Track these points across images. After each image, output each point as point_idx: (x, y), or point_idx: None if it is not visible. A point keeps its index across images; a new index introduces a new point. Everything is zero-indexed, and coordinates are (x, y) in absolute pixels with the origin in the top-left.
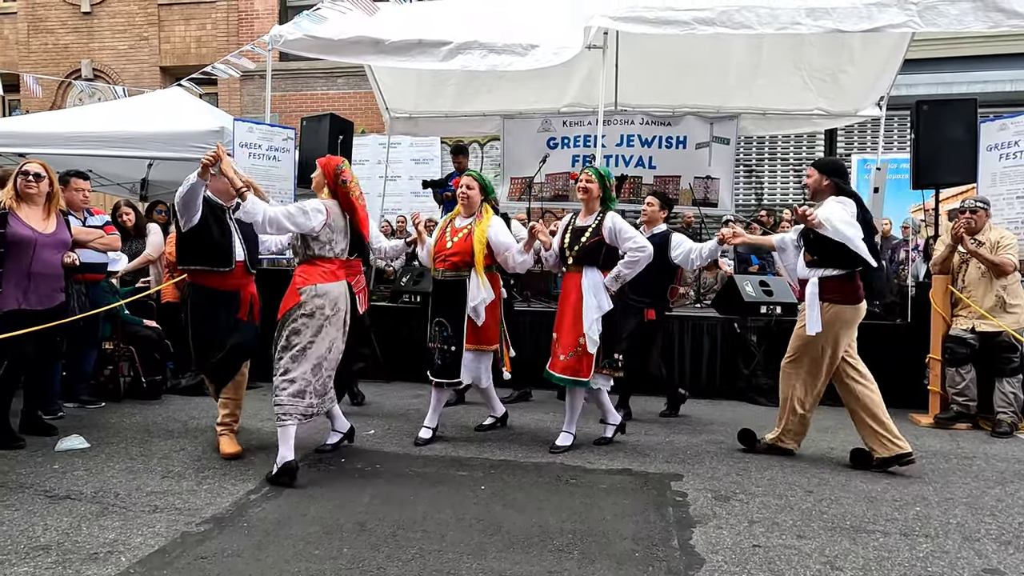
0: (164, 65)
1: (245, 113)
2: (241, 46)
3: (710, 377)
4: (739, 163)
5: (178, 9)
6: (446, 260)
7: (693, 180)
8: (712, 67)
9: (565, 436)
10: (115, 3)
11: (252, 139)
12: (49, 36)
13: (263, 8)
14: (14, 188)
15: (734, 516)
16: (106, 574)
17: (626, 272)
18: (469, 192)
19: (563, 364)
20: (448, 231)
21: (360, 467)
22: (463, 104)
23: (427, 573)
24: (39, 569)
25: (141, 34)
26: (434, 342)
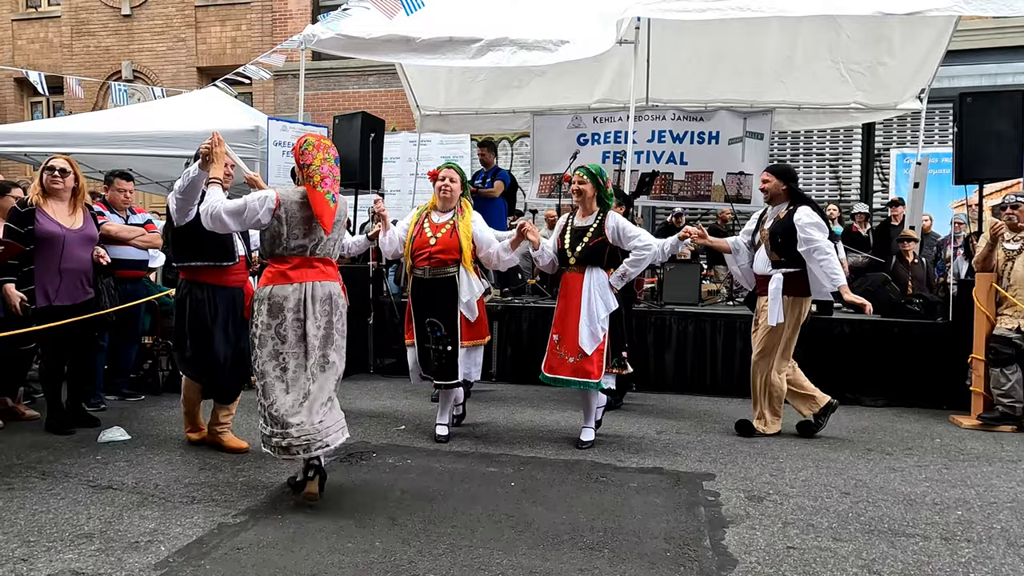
0: (200, 66)
1: (278, 112)
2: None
3: (742, 376)
4: (773, 159)
5: (214, 10)
6: (432, 257)
7: (726, 176)
8: (745, 61)
9: (587, 432)
10: (154, 5)
11: (286, 138)
12: (91, 39)
13: (296, 8)
14: (40, 184)
15: (768, 517)
16: (146, 563)
17: (632, 271)
18: (452, 185)
19: (572, 366)
20: (427, 226)
21: (391, 462)
22: (493, 101)
23: (457, 568)
24: (83, 556)
25: (178, 35)
26: (426, 343)
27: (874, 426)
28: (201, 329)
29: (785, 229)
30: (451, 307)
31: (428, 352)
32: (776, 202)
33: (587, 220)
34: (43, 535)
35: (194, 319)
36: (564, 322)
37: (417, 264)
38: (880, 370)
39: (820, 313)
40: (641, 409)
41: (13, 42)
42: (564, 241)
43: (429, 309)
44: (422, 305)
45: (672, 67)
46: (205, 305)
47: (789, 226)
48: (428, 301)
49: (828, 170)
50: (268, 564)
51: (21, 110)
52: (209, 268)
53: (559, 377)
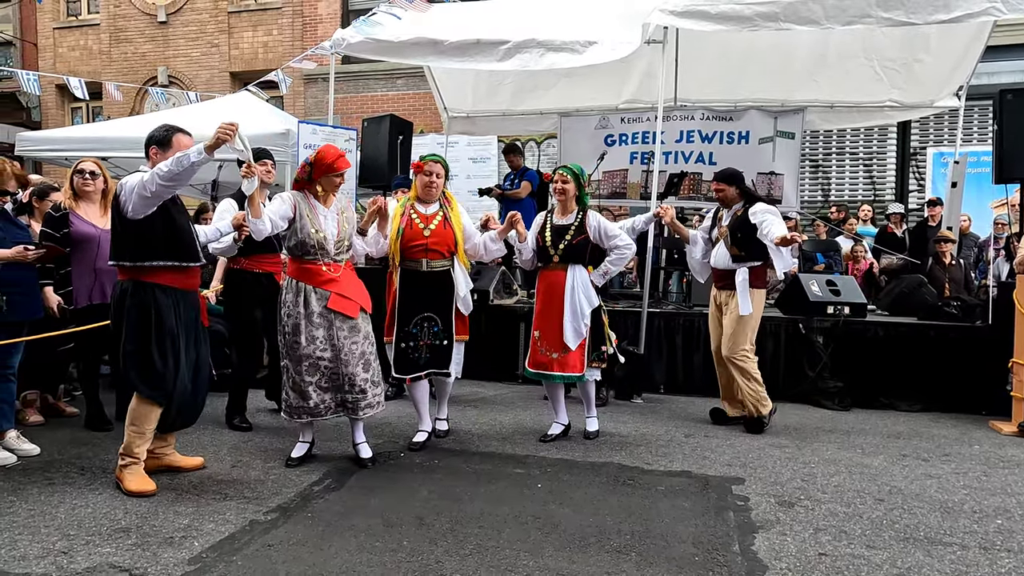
0: (233, 70)
1: (309, 115)
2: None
3: (772, 379)
4: (805, 158)
5: (246, 16)
6: (428, 250)
7: (756, 176)
8: (776, 59)
9: (592, 421)
10: (188, 12)
11: (316, 141)
12: (128, 45)
13: (326, 12)
14: (71, 187)
15: (799, 523)
16: (181, 558)
17: (614, 269)
18: (437, 180)
19: (557, 361)
20: (415, 218)
21: (419, 462)
22: (520, 103)
23: (484, 569)
24: (120, 550)
25: (212, 41)
26: (421, 339)
27: (909, 431)
28: (167, 341)
29: (743, 225)
30: (449, 301)
31: (406, 351)
32: (732, 204)
33: (567, 219)
34: (82, 529)
35: (159, 329)
36: (546, 318)
37: (411, 256)
38: (916, 374)
39: (853, 315)
40: (669, 412)
41: (55, 49)
42: (545, 239)
43: (425, 304)
44: (416, 300)
45: (701, 66)
46: (171, 312)
47: (746, 221)
48: (424, 295)
49: (862, 170)
50: (298, 561)
51: (62, 115)
52: (173, 270)
53: (543, 372)
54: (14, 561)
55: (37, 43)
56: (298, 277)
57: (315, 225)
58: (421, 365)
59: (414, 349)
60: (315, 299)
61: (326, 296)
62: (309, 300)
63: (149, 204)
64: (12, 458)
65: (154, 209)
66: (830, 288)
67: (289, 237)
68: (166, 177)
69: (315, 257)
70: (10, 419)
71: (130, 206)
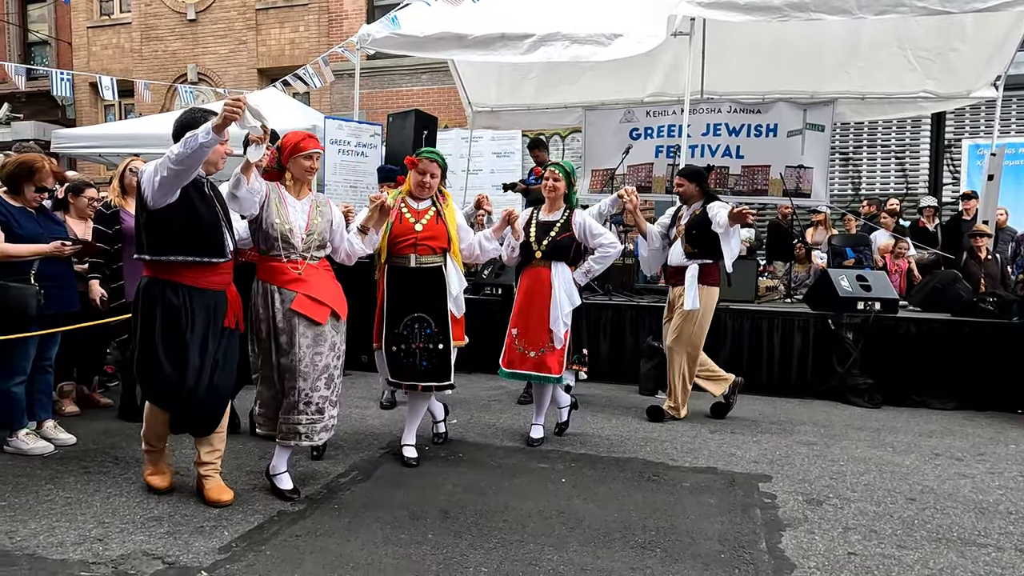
0: (261, 67)
1: (334, 111)
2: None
3: (800, 376)
4: (834, 151)
5: (273, 13)
6: (418, 244)
7: (784, 169)
8: (806, 50)
9: (537, 428)
10: (217, 10)
11: (342, 136)
12: (159, 43)
13: (352, 8)
14: (120, 185)
15: (827, 521)
16: (211, 547)
17: (597, 268)
18: (432, 181)
19: (534, 361)
20: (406, 212)
21: (443, 456)
22: (544, 96)
23: (508, 563)
24: (153, 538)
25: (240, 38)
26: (413, 342)
27: (942, 430)
28: (175, 343)
29: (700, 223)
30: (440, 300)
31: (398, 355)
32: (692, 202)
33: (554, 215)
34: (116, 517)
35: (166, 330)
36: (526, 316)
37: (399, 252)
38: (950, 371)
39: (885, 311)
40: (695, 407)
41: (88, 48)
42: (529, 235)
43: (415, 303)
44: (405, 299)
45: (728, 58)
46: (181, 313)
47: (703, 220)
48: (413, 294)
49: (894, 162)
50: (325, 552)
51: (95, 113)
52: (192, 266)
53: (518, 372)
54: (52, 547)
55: (71, 42)
56: (263, 277)
57: (281, 215)
58: (418, 373)
59: (407, 353)
60: (279, 300)
61: (291, 297)
62: (273, 301)
63: (166, 191)
64: (50, 447)
65: (175, 198)
66: (860, 283)
67: (255, 231)
68: (176, 160)
69: (279, 253)
70: (48, 409)
71: (150, 193)
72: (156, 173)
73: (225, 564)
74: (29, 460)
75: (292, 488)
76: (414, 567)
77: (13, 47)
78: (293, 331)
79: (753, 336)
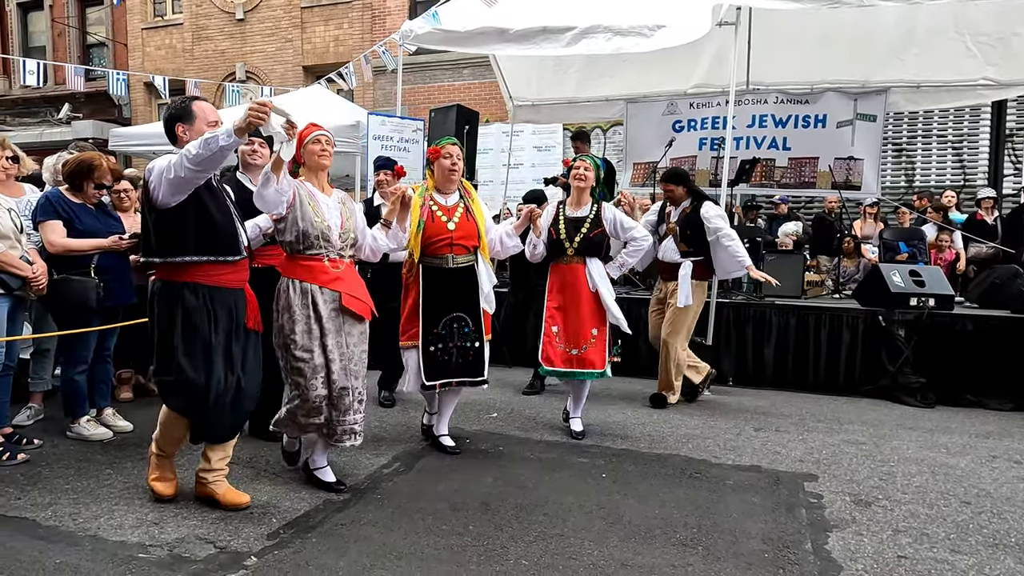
0: (306, 64)
1: (377, 107)
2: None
3: (848, 373)
4: (887, 142)
5: (318, 11)
6: (454, 245)
7: (833, 161)
8: (857, 38)
9: (577, 422)
10: (264, 9)
11: (384, 131)
12: (209, 43)
13: (395, 5)
14: None
15: (876, 523)
16: (260, 533)
17: (631, 261)
18: (459, 163)
19: (577, 357)
20: (436, 211)
21: (484, 448)
22: (586, 90)
23: (549, 556)
24: (205, 523)
25: (286, 36)
26: (451, 341)
27: (1000, 431)
28: (198, 348)
29: (693, 223)
30: (475, 298)
31: (436, 355)
32: (680, 202)
33: (582, 211)
34: (171, 502)
35: (188, 335)
36: (565, 313)
37: (434, 252)
38: (1008, 371)
39: (939, 307)
40: (738, 405)
41: (143, 49)
42: (558, 232)
43: (454, 303)
44: (443, 299)
45: (775, 48)
46: (203, 315)
47: (696, 220)
48: (452, 294)
49: (951, 153)
50: (368, 541)
51: (149, 112)
52: (208, 265)
53: (559, 369)
54: (112, 529)
55: (127, 43)
56: (300, 276)
57: (317, 213)
58: (452, 370)
59: (444, 352)
60: (322, 300)
61: (334, 296)
62: (316, 302)
63: (178, 191)
64: (109, 434)
65: (185, 197)
66: (914, 279)
67: (286, 229)
68: (195, 161)
69: (320, 251)
70: (106, 397)
71: (159, 193)
72: (170, 172)
73: (273, 550)
74: (89, 446)
75: (337, 480)
76: (455, 558)
77: (73, 49)
78: (340, 330)
79: (799, 332)
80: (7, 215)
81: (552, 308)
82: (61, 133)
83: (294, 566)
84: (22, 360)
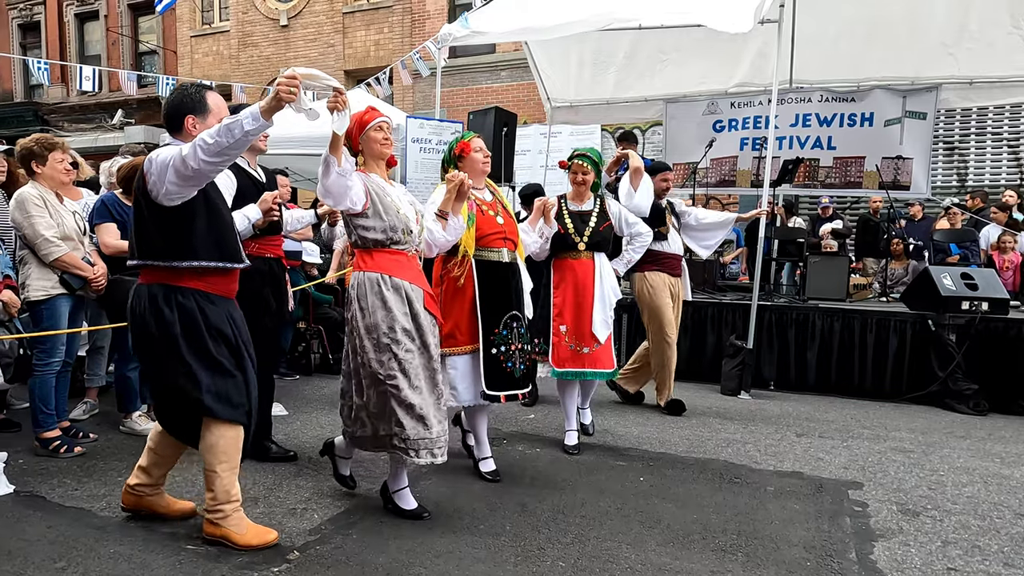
0: (348, 68)
1: (416, 110)
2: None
3: (895, 379)
4: (938, 140)
5: (359, 16)
6: (507, 239)
7: (881, 161)
8: (906, 33)
9: (586, 413)
10: (307, 15)
11: (423, 134)
12: (254, 49)
13: (434, 8)
14: None
15: (924, 534)
16: (303, 528)
17: (635, 257)
18: (489, 156)
19: (588, 358)
20: (481, 205)
21: (520, 449)
22: (624, 90)
23: (586, 559)
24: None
25: (328, 41)
26: (513, 343)
27: None
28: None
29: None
30: (524, 296)
31: (498, 360)
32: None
33: (586, 205)
34: None
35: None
36: (575, 311)
37: (490, 245)
38: None
39: (993, 311)
40: (779, 410)
41: (191, 56)
42: (565, 226)
43: (511, 300)
44: (501, 296)
45: (819, 45)
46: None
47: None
48: (508, 290)
49: (1006, 151)
50: (407, 538)
51: None
52: (216, 272)
53: (570, 370)
54: (161, 521)
55: (176, 51)
56: (389, 271)
57: (396, 204)
58: (516, 379)
59: (507, 356)
60: (415, 297)
61: (420, 295)
62: (411, 298)
63: (188, 186)
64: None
65: (193, 194)
66: (966, 282)
67: (371, 226)
68: (213, 151)
69: (404, 245)
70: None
71: (163, 188)
72: (182, 164)
73: (315, 545)
74: (141, 439)
75: (419, 507)
76: (493, 558)
77: (126, 57)
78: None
79: (844, 336)
80: (72, 217)
81: (560, 306)
82: (115, 138)
83: (335, 562)
84: (79, 357)
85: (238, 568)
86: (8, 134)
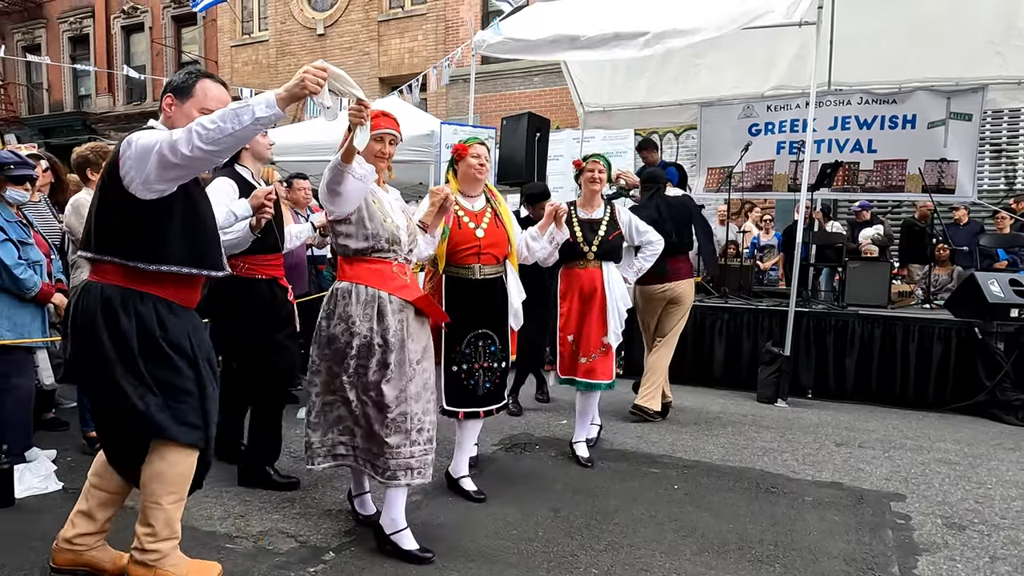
0: (382, 76)
1: (450, 116)
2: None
3: (939, 388)
4: (984, 142)
5: (394, 24)
6: (482, 254)
7: (924, 164)
8: (951, 32)
9: (595, 428)
10: (343, 24)
11: (457, 140)
12: (292, 58)
13: (467, 16)
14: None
15: (971, 548)
16: (338, 529)
17: (646, 266)
18: (486, 164)
19: (585, 367)
20: (463, 216)
21: (552, 455)
22: (658, 94)
23: (619, 566)
24: (287, 518)
25: (363, 49)
26: (476, 361)
27: None
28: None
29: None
30: (503, 314)
31: (458, 377)
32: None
33: (595, 213)
34: (255, 497)
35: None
36: (582, 320)
37: (462, 262)
38: None
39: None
40: (817, 419)
41: (231, 65)
42: (574, 235)
43: (480, 318)
44: (468, 314)
45: (859, 46)
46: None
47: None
48: (477, 307)
49: None
50: (440, 542)
51: None
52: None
53: (580, 380)
54: (203, 520)
55: (217, 60)
56: (365, 280)
57: (383, 213)
58: (479, 397)
59: (469, 374)
60: (390, 310)
61: (402, 306)
62: (384, 311)
63: (169, 179)
64: None
65: (174, 188)
66: (1014, 288)
67: (352, 233)
68: (210, 138)
69: (391, 255)
70: None
71: (139, 177)
72: (169, 150)
73: (350, 546)
74: None
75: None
76: (525, 562)
77: (169, 67)
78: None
79: (886, 344)
80: None
81: (567, 315)
82: None
83: (369, 563)
84: None
85: (276, 568)
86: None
